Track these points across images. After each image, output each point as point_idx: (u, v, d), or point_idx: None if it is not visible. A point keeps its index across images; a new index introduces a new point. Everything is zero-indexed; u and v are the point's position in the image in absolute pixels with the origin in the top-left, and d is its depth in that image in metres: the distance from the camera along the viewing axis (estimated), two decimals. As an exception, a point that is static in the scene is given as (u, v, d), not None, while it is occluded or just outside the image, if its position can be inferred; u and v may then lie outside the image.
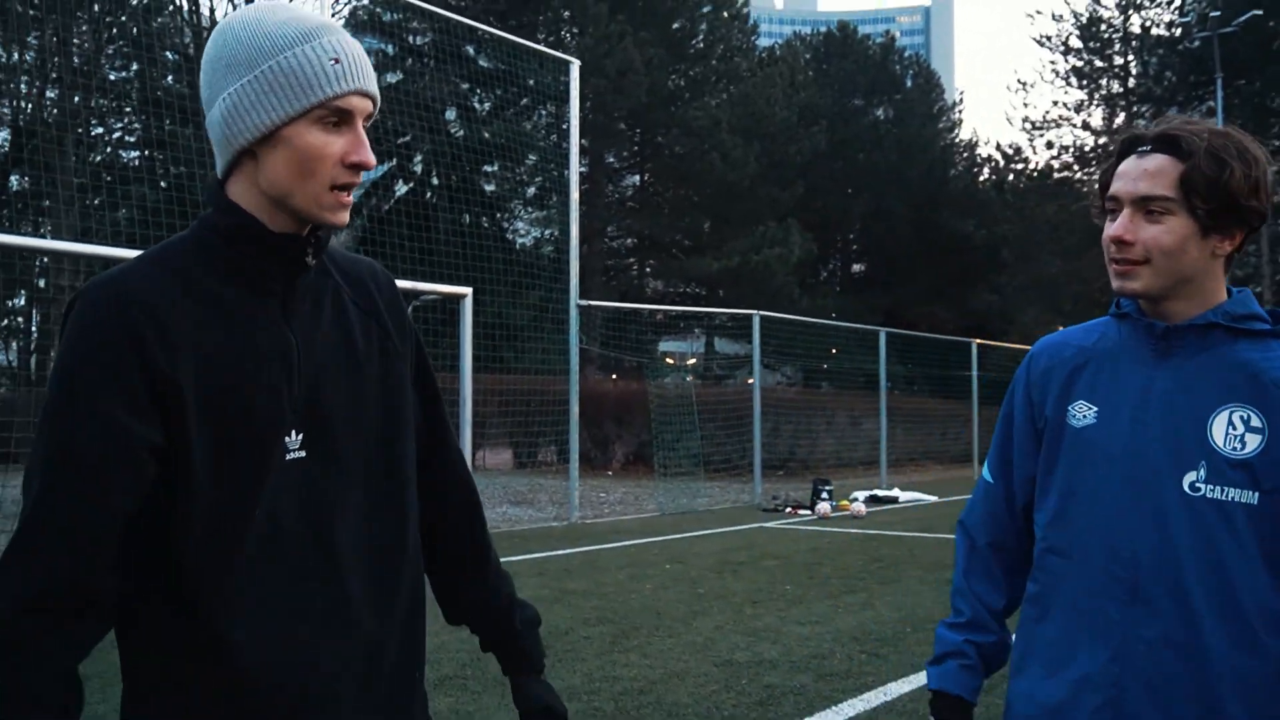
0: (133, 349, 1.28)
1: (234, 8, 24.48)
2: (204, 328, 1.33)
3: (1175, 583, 1.62)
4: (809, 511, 14.69)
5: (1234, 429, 1.62)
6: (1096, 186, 1.76)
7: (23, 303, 26.04)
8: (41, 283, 20.64)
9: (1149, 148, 1.66)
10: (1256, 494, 1.60)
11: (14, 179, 25.10)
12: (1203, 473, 1.62)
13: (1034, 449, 1.84)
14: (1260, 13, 30.69)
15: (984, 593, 1.90)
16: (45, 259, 17.16)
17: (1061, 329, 1.93)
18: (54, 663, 1.27)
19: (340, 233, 1.52)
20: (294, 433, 1.38)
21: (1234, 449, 1.61)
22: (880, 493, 17.17)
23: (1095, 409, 1.73)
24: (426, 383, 1.63)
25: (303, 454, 1.39)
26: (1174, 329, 1.67)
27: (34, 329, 27.51)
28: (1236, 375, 1.64)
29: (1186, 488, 1.63)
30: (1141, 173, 1.65)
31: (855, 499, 15.44)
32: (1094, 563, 1.70)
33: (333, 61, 1.34)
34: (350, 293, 1.51)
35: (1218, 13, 30.94)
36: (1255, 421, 1.61)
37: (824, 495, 15.19)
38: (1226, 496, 1.61)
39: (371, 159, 1.37)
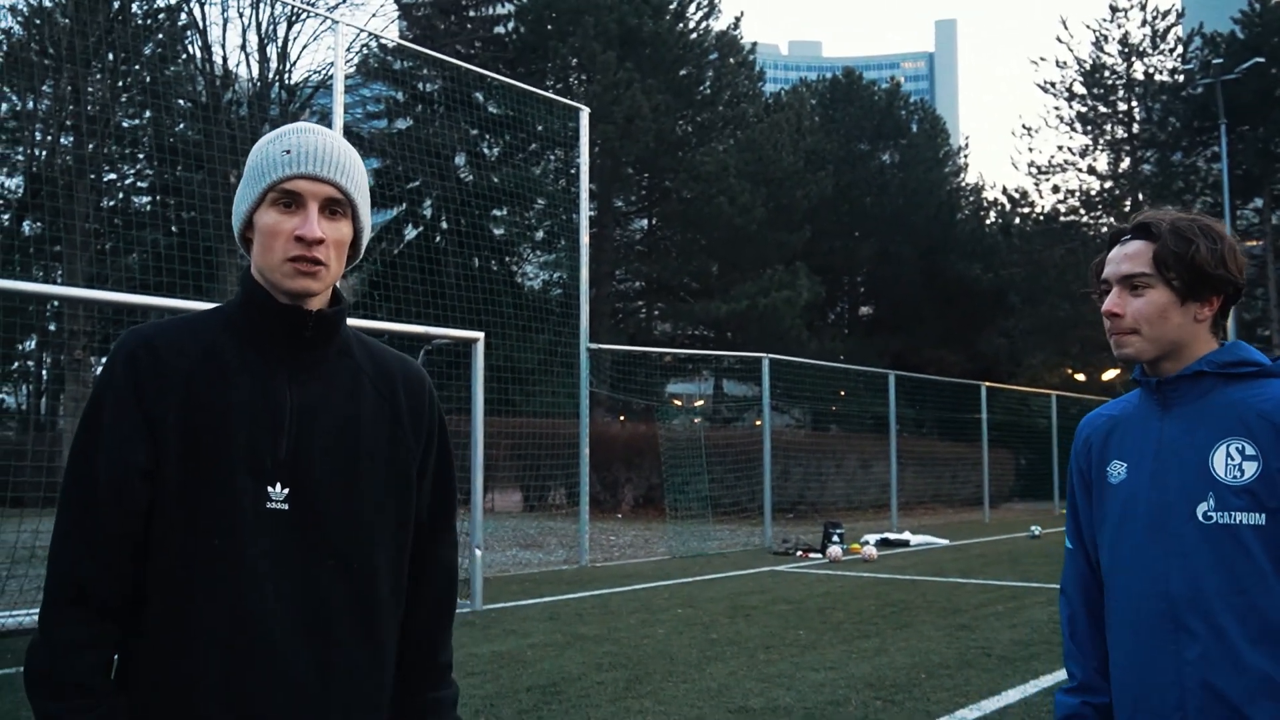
0: (134, 386, 1.51)
1: (246, 57, 24.81)
2: (200, 378, 1.53)
3: (1206, 608, 1.81)
4: (820, 555, 14.59)
5: (1231, 459, 1.83)
6: (1092, 276, 2.03)
7: (33, 346, 26.14)
8: (52, 326, 20.75)
9: (1129, 236, 1.96)
10: (1263, 515, 1.79)
11: (27, 224, 25.31)
12: (1212, 502, 1.83)
13: (1088, 505, 2.10)
14: (1262, 60, 30.93)
15: (1090, 654, 2.07)
16: (56, 303, 17.26)
17: (1097, 409, 2.18)
18: (92, 653, 1.47)
19: (351, 276, 1.65)
20: (278, 485, 1.53)
21: (1234, 477, 1.82)
22: (891, 536, 17.06)
23: (1125, 464, 1.98)
24: (441, 481, 1.74)
25: (285, 507, 1.53)
26: (1167, 380, 1.92)
27: (44, 373, 27.59)
28: (1229, 413, 1.86)
29: (1200, 517, 1.84)
30: (1123, 256, 1.94)
31: (866, 542, 15.34)
32: (1137, 603, 1.91)
33: (284, 153, 1.56)
34: (371, 376, 1.67)
35: (1220, 60, 31.17)
36: (1249, 450, 1.82)
37: (835, 539, 15.11)
38: (1235, 520, 1.81)
39: (315, 233, 1.54)
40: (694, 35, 32.54)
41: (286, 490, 1.52)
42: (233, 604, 1.48)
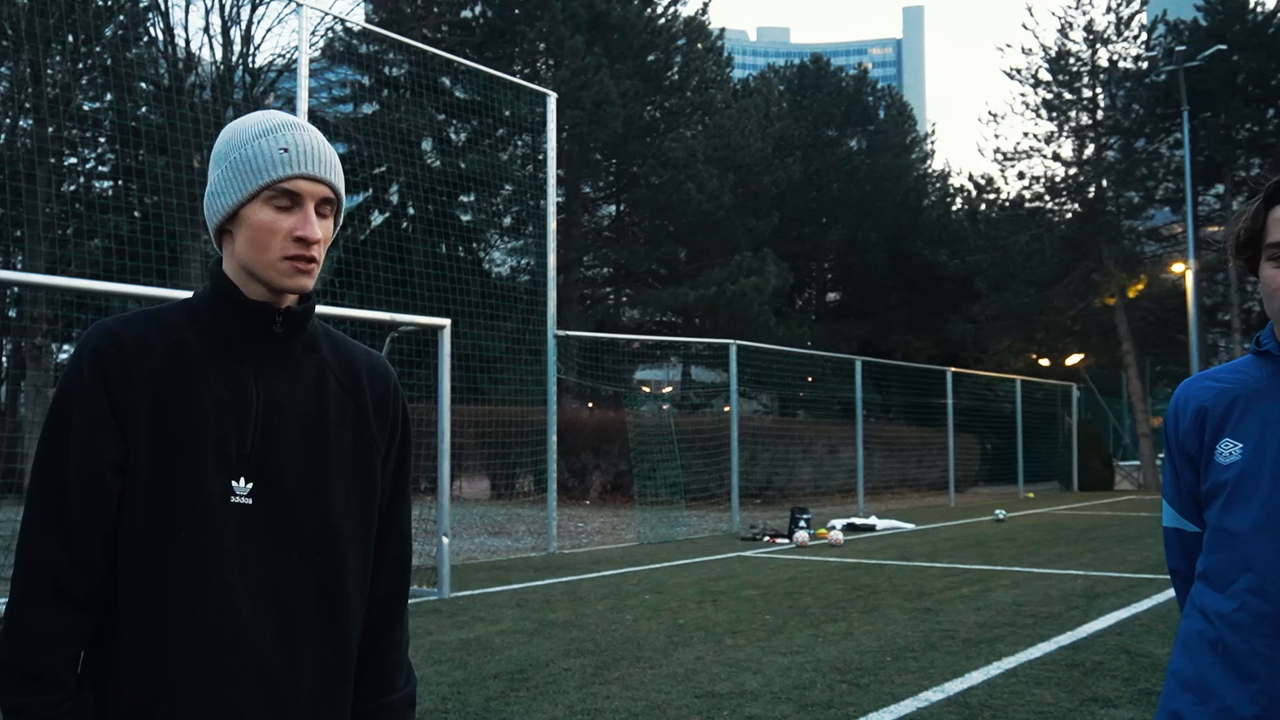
0: (102, 380, 1.51)
1: (210, 40, 24.51)
2: (167, 371, 1.54)
3: None
4: (787, 540, 14.68)
5: None
6: (1234, 234, 1.79)
7: (-7, 333, 25.75)
8: (13, 313, 20.45)
9: None
10: None
11: (-14, 209, 24.89)
12: None
13: (1196, 480, 1.88)
14: (1224, 47, 31.26)
15: None
16: (16, 289, 17.02)
17: (1200, 371, 1.96)
18: (63, 646, 1.48)
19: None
20: (242, 479, 1.54)
21: None
22: (858, 521, 17.19)
23: (1240, 445, 1.76)
24: (400, 471, 1.75)
25: (249, 501, 1.54)
26: None
27: (5, 359, 27.20)
28: None
29: None
30: None
31: (833, 527, 15.45)
32: (1239, 597, 1.72)
33: (281, 150, 1.56)
34: (337, 371, 1.68)
35: (1183, 47, 31.48)
36: None
37: (802, 524, 15.20)
38: None
39: (315, 233, 1.56)
40: (662, 21, 32.44)
41: (251, 484, 1.54)
42: (200, 596, 1.49)
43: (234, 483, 1.53)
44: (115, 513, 1.50)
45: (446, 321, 10.06)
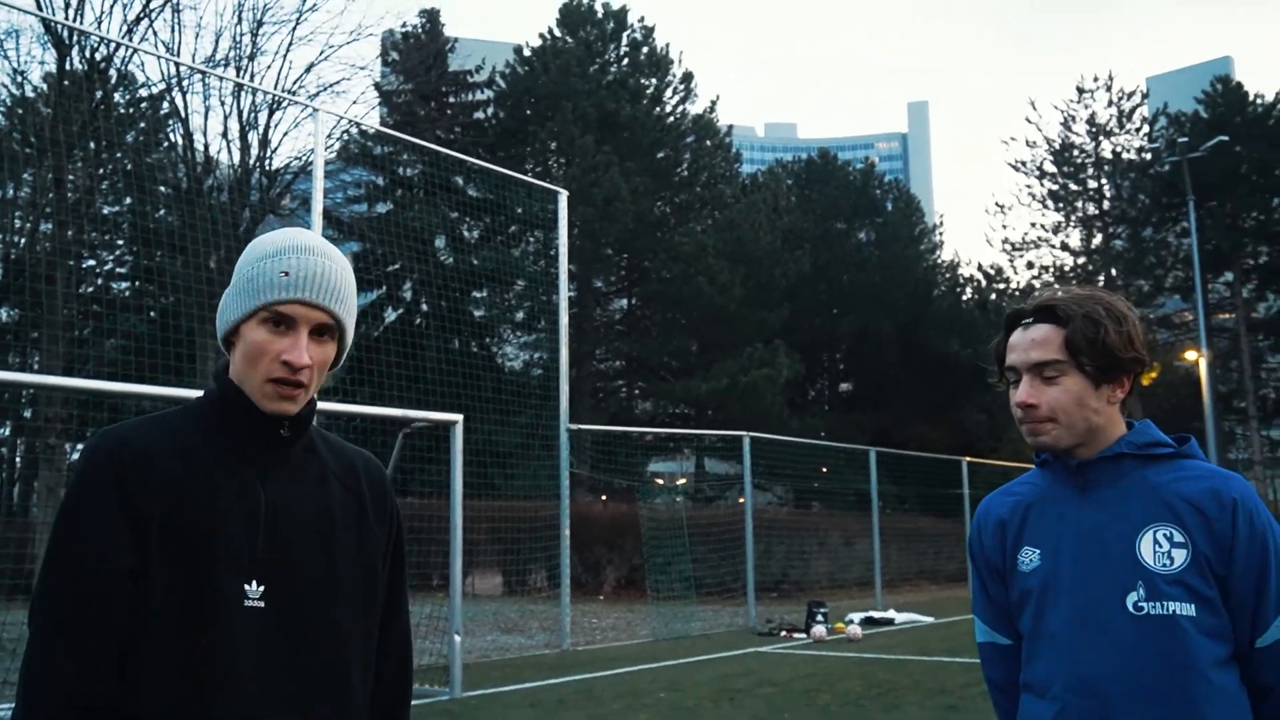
0: (118, 487, 1.51)
1: (227, 144, 25.07)
2: (180, 476, 1.55)
3: (1143, 706, 1.70)
4: (805, 635, 14.43)
5: (1160, 547, 1.75)
6: (995, 363, 1.93)
7: (8, 433, 25.86)
8: (28, 413, 20.56)
9: (1031, 320, 1.86)
10: (1193, 604, 1.71)
11: (3, 311, 25.22)
12: (1142, 591, 1.73)
13: (1004, 592, 1.95)
14: (1226, 138, 31.69)
15: None
16: (31, 390, 17.15)
17: (1000, 487, 2.06)
18: None
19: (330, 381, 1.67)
20: (254, 583, 1.55)
21: (1164, 565, 1.73)
22: (876, 614, 16.91)
23: (1038, 551, 1.86)
24: (396, 563, 1.78)
25: (261, 604, 1.54)
26: (1087, 463, 1.83)
27: (18, 459, 27.26)
28: (1153, 498, 1.78)
29: (1131, 608, 1.74)
30: (1030, 342, 1.84)
31: (851, 621, 15.20)
32: (1060, 699, 1.78)
33: (282, 274, 1.58)
34: (337, 471, 1.70)
35: (1185, 138, 31.92)
36: (1178, 538, 1.74)
37: (819, 618, 14.96)
38: (1169, 610, 1.72)
39: (302, 359, 1.57)
40: (671, 119, 33.12)
41: (263, 588, 1.55)
42: (216, 699, 1.49)
43: (246, 586, 1.54)
44: (127, 618, 1.49)
45: (459, 417, 10.07)
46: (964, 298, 41.46)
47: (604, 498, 25.08)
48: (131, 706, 1.48)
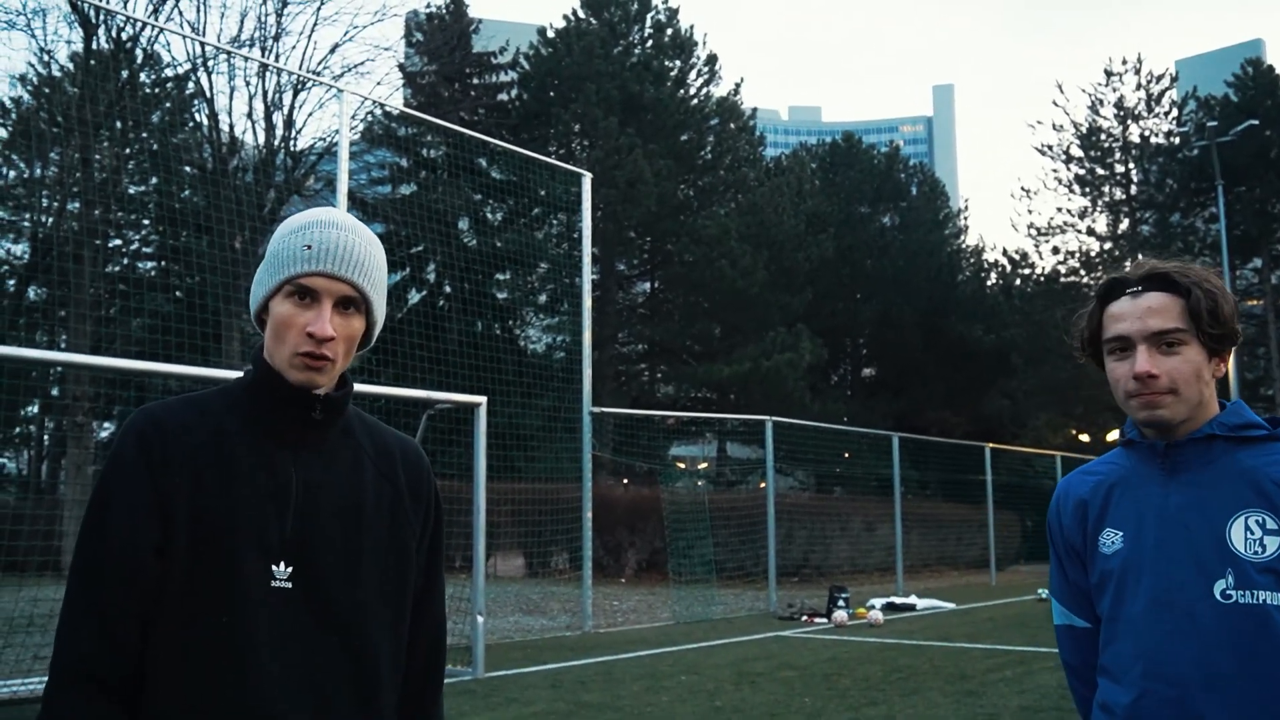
0: (145, 464, 1.54)
1: (252, 124, 25.15)
2: (212, 456, 1.56)
3: (1224, 695, 1.64)
4: (825, 619, 14.43)
5: (1252, 534, 1.67)
6: (1079, 335, 1.88)
7: (35, 410, 26.13)
8: (56, 391, 20.78)
9: (1139, 288, 1.78)
10: None
11: (32, 290, 25.46)
12: (1231, 579, 1.67)
13: (1083, 575, 1.91)
14: (1256, 122, 31.27)
15: None
16: (59, 368, 17.32)
17: (1079, 467, 1.99)
18: None
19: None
20: (281, 564, 1.55)
21: (1256, 553, 1.66)
22: (897, 600, 16.89)
23: (1121, 534, 1.80)
24: (433, 550, 1.77)
25: (289, 585, 1.55)
26: (1176, 445, 1.76)
27: (46, 437, 27.56)
28: (1243, 482, 1.71)
29: (1219, 596, 1.67)
30: (1146, 310, 1.76)
31: (872, 606, 15.18)
32: (1138, 685, 1.73)
33: (305, 248, 1.60)
34: (372, 455, 1.70)
35: (1214, 123, 31.52)
36: (1271, 524, 1.67)
37: (840, 603, 14.95)
38: (1259, 600, 1.65)
39: (326, 330, 1.57)
40: (695, 101, 32.98)
41: (290, 569, 1.55)
42: (237, 680, 1.49)
43: (274, 567, 1.54)
44: (154, 597, 1.51)
45: (482, 399, 10.10)
46: (988, 283, 41.22)
47: (626, 481, 25.13)
48: (152, 681, 1.50)
